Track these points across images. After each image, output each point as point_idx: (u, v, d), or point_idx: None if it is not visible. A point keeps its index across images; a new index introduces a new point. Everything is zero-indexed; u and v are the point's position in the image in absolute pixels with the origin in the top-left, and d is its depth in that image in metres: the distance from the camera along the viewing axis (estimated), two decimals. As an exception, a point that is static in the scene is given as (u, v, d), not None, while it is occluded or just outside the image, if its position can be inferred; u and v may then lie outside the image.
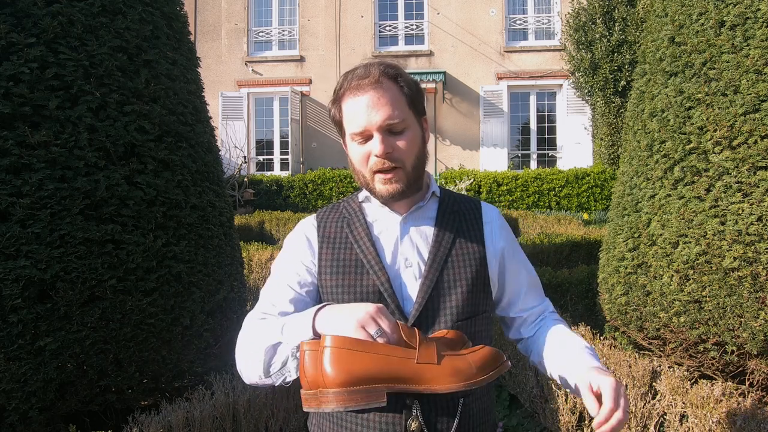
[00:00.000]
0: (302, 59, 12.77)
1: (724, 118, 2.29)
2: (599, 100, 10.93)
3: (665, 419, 2.14)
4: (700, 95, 2.39)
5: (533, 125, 12.50)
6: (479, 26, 12.37)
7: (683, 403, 2.06)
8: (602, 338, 2.62)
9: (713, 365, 2.45)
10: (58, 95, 1.96)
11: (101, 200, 2.01)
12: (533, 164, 12.43)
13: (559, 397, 2.42)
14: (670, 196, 2.47)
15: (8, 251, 1.81)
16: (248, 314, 1.07)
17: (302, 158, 12.66)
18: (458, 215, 1.13)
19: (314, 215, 1.18)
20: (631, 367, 2.24)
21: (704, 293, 2.29)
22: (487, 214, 1.16)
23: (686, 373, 2.21)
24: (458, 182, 10.71)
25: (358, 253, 1.07)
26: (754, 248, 2.16)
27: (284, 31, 13.01)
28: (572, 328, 2.59)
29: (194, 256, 2.35)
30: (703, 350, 2.41)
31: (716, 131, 2.31)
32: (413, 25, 12.68)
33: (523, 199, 10.86)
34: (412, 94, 1.05)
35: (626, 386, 1.00)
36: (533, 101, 12.47)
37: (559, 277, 3.77)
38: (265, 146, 13.01)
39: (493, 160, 12.08)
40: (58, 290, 1.89)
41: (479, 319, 1.07)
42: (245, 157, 12.27)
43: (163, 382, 2.32)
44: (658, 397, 2.18)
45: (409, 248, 1.08)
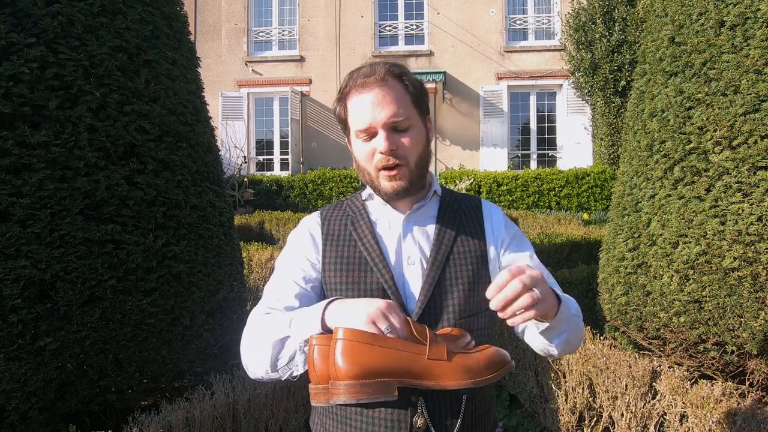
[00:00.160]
0: (302, 59, 12.77)
1: (724, 118, 2.29)
2: (599, 100, 10.93)
3: (665, 419, 2.14)
4: (700, 95, 2.39)
5: (533, 125, 12.50)
6: (479, 26, 12.37)
7: (683, 403, 2.06)
8: (602, 338, 2.62)
9: (713, 365, 2.45)
10: (58, 95, 1.96)
11: (101, 200, 2.01)
12: (533, 164, 12.43)
13: (559, 397, 2.42)
14: (670, 196, 2.47)
15: (8, 251, 1.81)
16: (253, 310, 1.08)
17: (302, 158, 12.66)
18: (459, 213, 1.14)
19: (318, 212, 1.18)
20: (631, 367, 2.24)
21: (704, 293, 2.29)
22: (487, 211, 1.17)
23: (686, 373, 2.21)
24: (458, 182, 10.71)
25: (362, 250, 1.08)
26: (754, 248, 2.16)
27: (284, 31, 13.01)
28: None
29: (194, 256, 2.35)
30: (703, 350, 2.41)
31: (716, 131, 2.31)
32: (413, 25, 12.68)
33: (523, 199, 10.86)
34: (416, 93, 1.07)
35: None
36: (533, 101, 12.47)
37: (559, 277, 3.76)
38: (265, 146, 13.01)
39: (493, 160, 12.08)
40: (58, 290, 1.89)
41: (482, 316, 1.07)
42: (245, 157, 12.28)
43: (163, 382, 2.33)
44: (658, 397, 2.18)
45: (411, 246, 1.09)
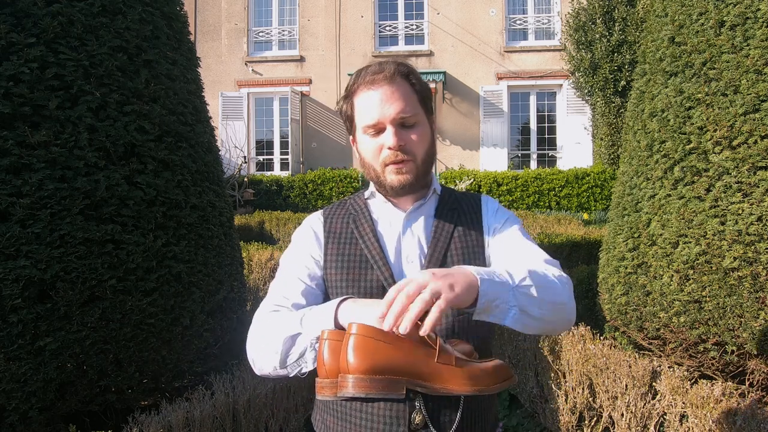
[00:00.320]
0: (302, 59, 12.77)
1: (724, 118, 2.29)
2: (599, 100, 10.93)
3: (665, 419, 2.14)
4: (700, 95, 2.39)
5: (533, 125, 12.50)
6: (479, 26, 12.37)
7: (683, 403, 2.06)
8: (602, 338, 2.62)
9: (713, 365, 2.45)
10: (58, 95, 1.96)
11: (101, 200, 2.01)
12: (533, 164, 12.43)
13: (559, 397, 2.42)
14: (670, 196, 2.47)
15: (8, 251, 1.81)
16: (259, 307, 1.08)
17: (302, 158, 12.66)
18: (457, 211, 1.15)
19: (321, 211, 1.20)
20: (631, 367, 2.24)
21: (704, 293, 2.29)
22: (485, 206, 1.17)
23: (686, 373, 2.21)
24: (458, 182, 10.71)
25: (363, 248, 1.10)
26: (754, 248, 2.16)
27: (284, 31, 13.01)
28: (572, 328, 2.59)
29: (194, 256, 2.35)
30: (703, 350, 2.41)
31: (716, 131, 2.31)
32: (413, 25, 12.68)
33: (523, 199, 10.86)
34: (422, 92, 1.09)
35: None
36: (533, 101, 12.47)
37: (559, 277, 3.76)
38: (265, 146, 13.01)
39: (493, 160, 12.08)
40: (58, 290, 1.89)
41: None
42: (245, 157, 12.27)
43: (163, 382, 2.33)
44: (658, 397, 2.18)
45: (410, 244, 1.10)
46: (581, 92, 11.54)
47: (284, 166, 12.73)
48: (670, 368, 2.24)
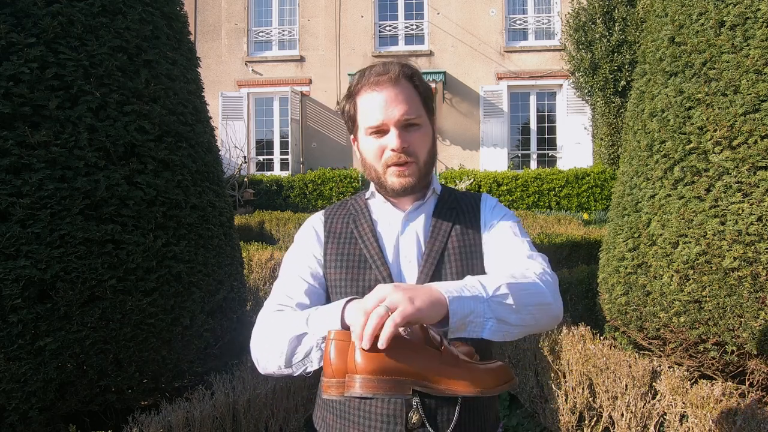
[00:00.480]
0: (302, 59, 12.77)
1: (724, 118, 2.29)
2: (599, 100, 10.93)
3: (665, 419, 2.14)
4: (700, 95, 2.39)
5: (533, 125, 12.50)
6: (479, 26, 12.37)
7: (683, 403, 2.06)
8: (602, 338, 2.62)
9: (713, 365, 2.45)
10: (58, 95, 1.96)
11: (101, 200, 2.01)
12: (533, 164, 12.43)
13: (559, 397, 2.42)
14: (670, 196, 2.47)
15: (8, 251, 1.81)
16: (263, 307, 1.09)
17: (302, 158, 12.66)
18: (456, 210, 1.15)
19: (323, 211, 1.21)
20: (631, 367, 2.24)
21: (704, 293, 2.29)
22: (483, 204, 1.17)
23: (686, 373, 2.21)
24: (458, 182, 10.71)
25: (362, 248, 1.10)
26: (754, 248, 2.16)
27: (284, 31, 13.00)
28: (572, 328, 2.59)
29: (194, 256, 2.35)
30: (703, 350, 2.41)
31: (716, 131, 2.31)
32: (413, 25, 12.68)
33: (523, 199, 10.86)
34: (425, 94, 1.10)
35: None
36: (533, 101, 12.47)
37: (559, 277, 3.76)
38: (265, 146, 13.01)
39: (493, 160, 12.08)
40: (58, 290, 1.89)
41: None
42: (245, 157, 12.27)
43: (163, 382, 2.32)
44: (658, 397, 2.18)
45: (409, 244, 1.11)
46: (581, 92, 11.53)
47: (284, 166, 12.73)
48: (670, 368, 2.24)
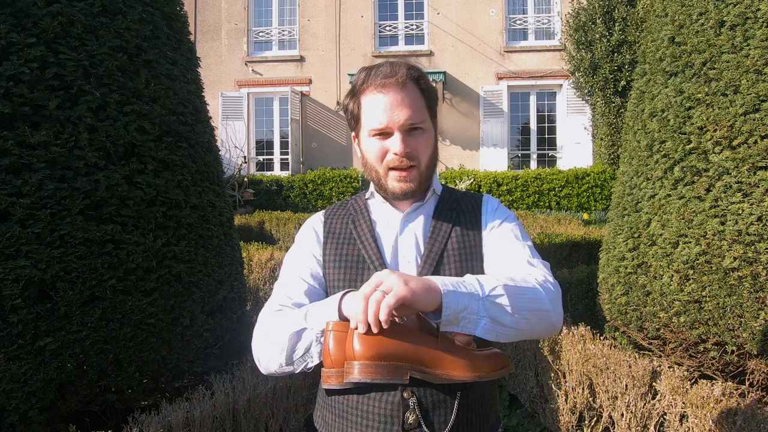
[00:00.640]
0: (302, 59, 12.77)
1: (724, 118, 2.29)
2: (599, 100, 10.93)
3: (665, 419, 2.14)
4: (700, 95, 2.39)
5: (533, 125, 12.50)
6: (479, 26, 12.37)
7: (683, 403, 2.06)
8: (602, 338, 2.62)
9: (713, 365, 2.45)
10: (58, 95, 1.96)
11: (101, 200, 2.01)
12: (533, 164, 12.43)
13: (559, 397, 2.42)
14: (670, 196, 2.47)
15: (8, 251, 1.81)
16: (264, 307, 1.10)
17: (302, 158, 12.66)
18: (456, 211, 1.14)
19: (323, 211, 1.22)
20: (631, 367, 2.24)
21: (704, 293, 2.29)
22: (485, 206, 1.17)
23: (686, 373, 2.21)
24: (458, 182, 10.71)
25: (360, 249, 1.10)
26: (754, 248, 2.16)
27: (284, 31, 13.00)
28: (572, 328, 2.59)
29: (194, 256, 2.35)
30: (703, 350, 2.41)
31: (716, 131, 2.31)
32: (413, 25, 12.68)
33: (523, 199, 10.86)
34: (430, 96, 1.09)
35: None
36: (533, 101, 12.47)
37: (559, 277, 3.76)
38: (265, 146, 13.01)
39: (493, 160, 12.08)
40: (58, 290, 1.89)
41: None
42: (245, 157, 12.27)
43: (163, 382, 2.32)
44: (658, 397, 2.18)
45: (408, 244, 1.11)
46: (581, 92, 11.53)
47: (284, 166, 12.73)
48: (670, 368, 2.24)
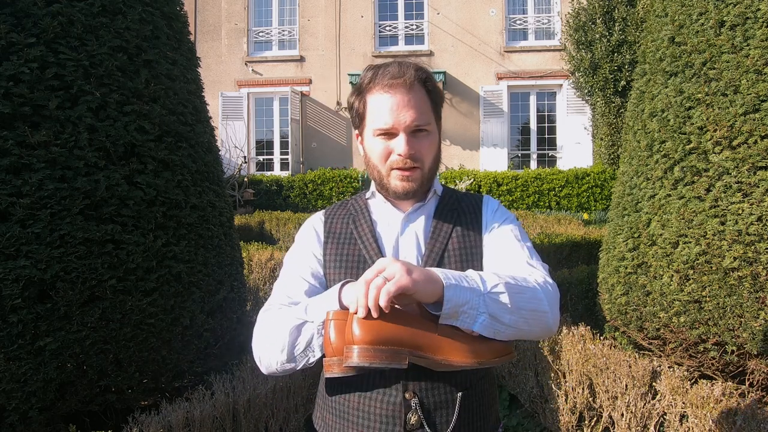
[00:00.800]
0: (302, 59, 12.77)
1: (724, 118, 2.29)
2: (599, 100, 10.92)
3: (665, 419, 2.14)
4: (700, 95, 2.39)
5: (533, 125, 12.49)
6: (479, 26, 12.37)
7: (683, 403, 2.06)
8: (602, 338, 2.62)
9: (713, 365, 2.45)
10: (58, 95, 1.96)
11: (101, 200, 2.01)
12: (533, 164, 12.42)
13: (559, 397, 2.42)
14: (670, 196, 2.47)
15: (8, 251, 1.81)
16: (263, 306, 1.09)
17: (302, 158, 12.66)
18: (457, 212, 1.14)
19: (323, 211, 1.21)
20: (631, 367, 2.24)
21: (704, 293, 2.29)
22: (485, 207, 1.17)
23: (686, 373, 2.21)
24: (458, 182, 10.71)
25: (361, 248, 1.10)
26: (754, 248, 2.16)
27: (284, 31, 13.00)
28: (572, 328, 2.59)
29: (194, 256, 2.35)
30: (703, 350, 2.41)
31: (716, 131, 2.31)
32: (413, 25, 12.68)
33: (523, 199, 10.86)
34: (435, 98, 1.09)
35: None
36: (533, 101, 12.46)
37: (559, 277, 3.76)
38: (265, 146, 13.01)
39: (493, 160, 12.07)
40: (58, 290, 1.89)
41: None
42: (245, 157, 12.27)
43: (163, 382, 2.32)
44: (658, 397, 2.18)
45: (408, 244, 1.11)
46: (581, 92, 11.53)
47: (284, 166, 12.72)
48: (670, 368, 2.24)
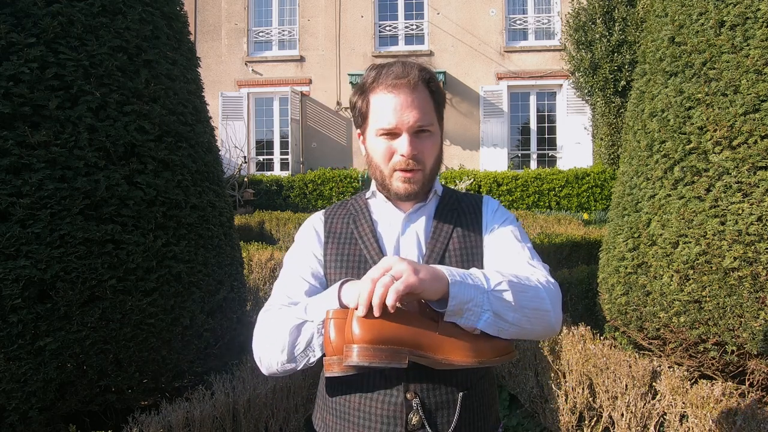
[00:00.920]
0: (302, 59, 12.77)
1: (724, 118, 2.29)
2: (599, 100, 10.93)
3: (665, 419, 2.14)
4: (700, 95, 2.39)
5: (533, 125, 12.49)
6: (479, 26, 12.37)
7: (683, 403, 2.06)
8: (602, 338, 2.62)
9: (713, 365, 2.45)
10: (58, 95, 1.96)
11: (101, 200, 2.01)
12: (533, 164, 12.42)
13: (559, 397, 2.42)
14: (670, 196, 2.47)
15: (8, 251, 1.81)
16: (264, 307, 1.09)
17: (302, 158, 12.66)
18: (458, 212, 1.14)
19: (323, 211, 1.21)
20: (631, 367, 2.24)
21: (704, 293, 2.29)
22: (485, 207, 1.17)
23: (686, 373, 2.21)
24: (458, 182, 10.71)
25: (361, 248, 1.10)
26: (754, 248, 2.16)
27: (284, 31, 13.00)
28: (572, 328, 2.59)
29: (194, 256, 2.35)
30: (703, 350, 2.41)
31: (716, 131, 2.31)
32: (413, 25, 12.68)
33: (523, 199, 10.86)
34: (439, 98, 1.09)
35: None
36: (533, 101, 12.46)
37: (559, 277, 3.76)
38: (265, 146, 13.01)
39: (493, 160, 12.07)
40: (58, 290, 1.89)
41: None
42: (245, 157, 12.27)
43: (163, 382, 2.32)
44: (658, 397, 2.18)
45: (409, 244, 1.11)
46: (581, 92, 11.53)
47: (284, 166, 12.72)
48: (670, 368, 2.24)
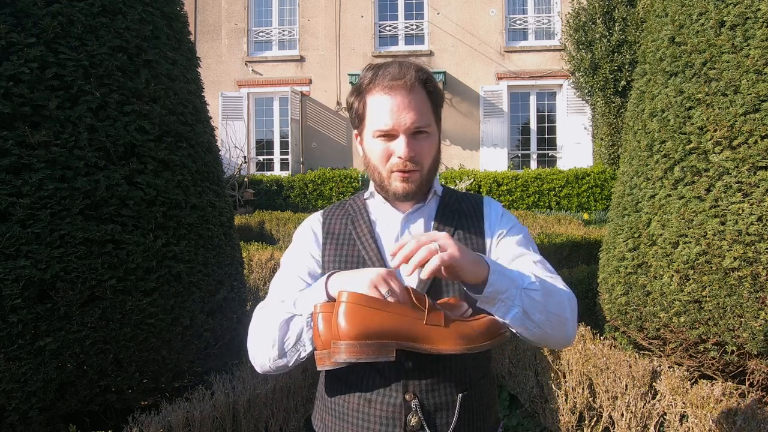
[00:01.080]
0: (302, 59, 12.77)
1: (724, 118, 2.29)
2: (599, 100, 10.93)
3: (665, 419, 2.14)
4: (700, 95, 2.39)
5: (533, 125, 12.50)
6: (479, 26, 12.37)
7: (683, 403, 2.06)
8: (602, 338, 2.62)
9: (713, 365, 2.45)
10: (58, 95, 1.96)
11: (101, 200, 2.01)
12: (533, 164, 12.43)
13: (559, 397, 2.42)
14: (670, 196, 2.47)
15: (8, 251, 1.81)
16: (258, 306, 1.09)
17: (302, 158, 12.66)
18: (458, 212, 1.14)
19: (321, 211, 1.21)
20: (631, 367, 2.24)
21: (704, 293, 2.29)
22: (487, 209, 1.17)
23: (686, 373, 2.21)
24: (458, 182, 10.71)
25: (360, 249, 1.10)
26: (754, 248, 2.16)
27: (284, 31, 13.00)
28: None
29: (194, 256, 2.35)
30: (703, 350, 2.41)
31: (716, 131, 2.31)
32: (413, 25, 12.68)
33: (523, 199, 10.86)
34: (436, 99, 1.09)
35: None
36: (533, 101, 12.47)
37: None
38: (265, 146, 13.01)
39: (493, 160, 12.08)
40: (58, 290, 1.89)
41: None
42: (245, 157, 12.27)
43: (163, 382, 2.33)
44: (658, 397, 2.18)
45: None
46: (581, 92, 11.53)
47: (284, 166, 12.72)
48: (670, 368, 2.24)
